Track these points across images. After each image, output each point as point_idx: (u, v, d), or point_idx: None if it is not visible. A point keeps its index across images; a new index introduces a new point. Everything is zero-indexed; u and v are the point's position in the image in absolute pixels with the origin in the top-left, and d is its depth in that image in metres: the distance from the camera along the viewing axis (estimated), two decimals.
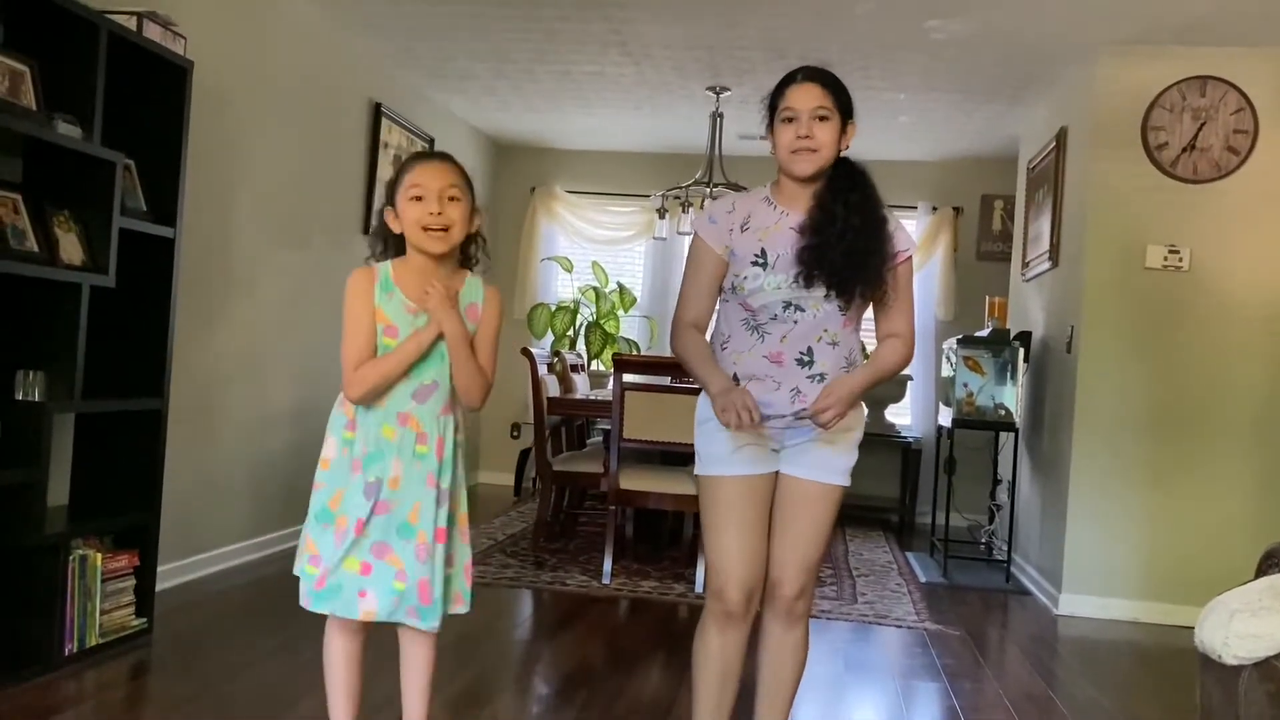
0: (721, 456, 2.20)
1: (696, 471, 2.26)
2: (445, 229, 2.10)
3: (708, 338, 2.31)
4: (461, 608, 2.25)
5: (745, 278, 2.17)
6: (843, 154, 2.20)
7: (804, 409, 2.15)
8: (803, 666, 2.35)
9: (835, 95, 2.17)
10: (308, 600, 2.16)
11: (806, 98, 2.14)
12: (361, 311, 2.14)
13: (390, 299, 2.14)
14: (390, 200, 2.16)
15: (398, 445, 2.15)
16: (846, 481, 2.26)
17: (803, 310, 2.16)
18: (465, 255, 2.23)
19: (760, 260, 2.16)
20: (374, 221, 2.29)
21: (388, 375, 2.13)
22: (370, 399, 2.15)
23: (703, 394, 2.24)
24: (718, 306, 2.31)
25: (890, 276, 2.20)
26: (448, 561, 2.21)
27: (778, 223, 2.19)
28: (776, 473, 2.25)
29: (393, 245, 2.19)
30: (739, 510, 2.20)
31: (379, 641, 2.33)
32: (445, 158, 2.19)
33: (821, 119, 2.13)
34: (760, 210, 2.22)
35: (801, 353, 2.17)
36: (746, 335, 2.21)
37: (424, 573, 2.14)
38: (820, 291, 2.14)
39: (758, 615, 2.30)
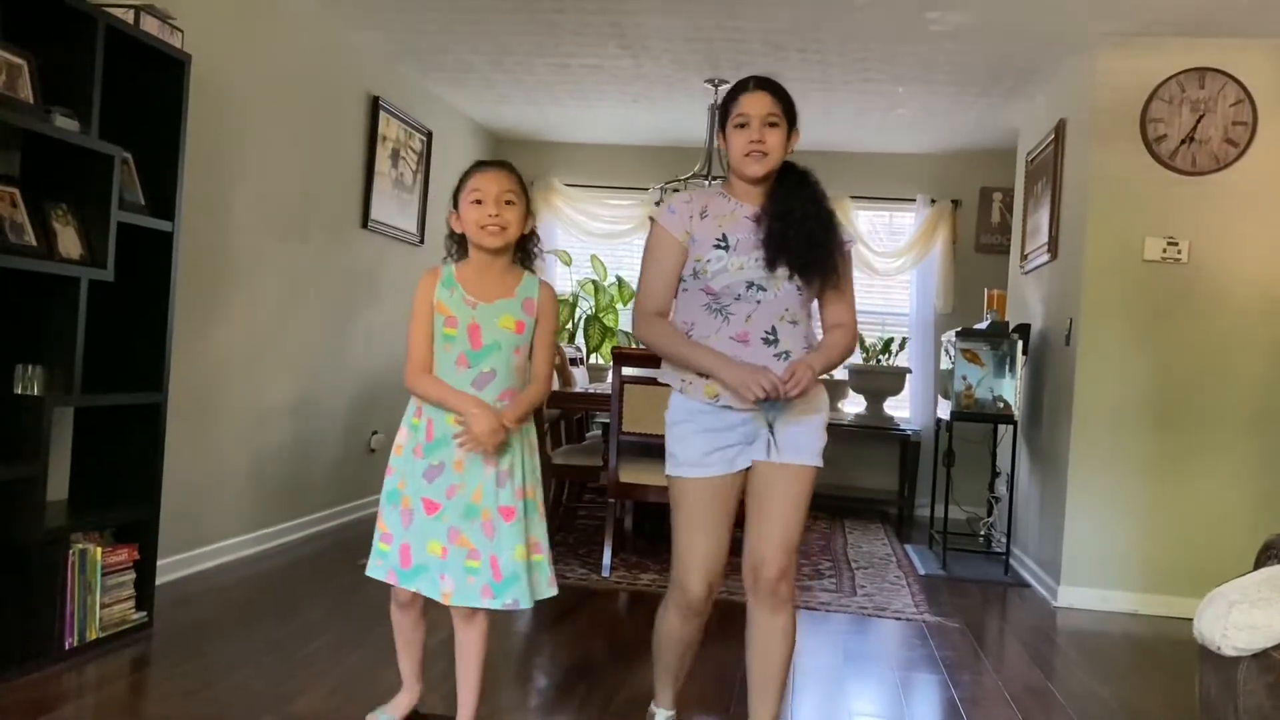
0: (695, 460, 2.30)
1: (668, 471, 2.35)
2: (502, 228, 2.32)
3: None
4: (552, 590, 2.46)
5: (708, 260, 2.28)
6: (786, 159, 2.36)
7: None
8: (791, 652, 2.39)
9: (784, 104, 2.32)
10: (393, 576, 2.37)
11: (758, 105, 2.29)
12: (422, 310, 2.36)
13: (451, 294, 2.35)
14: (455, 204, 2.39)
15: (459, 429, 2.32)
16: (819, 462, 2.35)
17: (764, 290, 2.28)
18: (525, 253, 2.47)
19: (722, 243, 2.29)
20: (445, 226, 2.49)
21: (439, 401, 2.34)
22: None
23: (675, 395, 2.34)
24: (675, 298, 2.39)
25: (840, 264, 2.35)
26: (534, 547, 2.41)
27: (733, 212, 2.33)
28: (749, 468, 2.34)
29: (463, 247, 2.43)
30: (707, 512, 2.32)
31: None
32: (503, 165, 2.40)
33: (771, 125, 2.29)
34: (716, 202, 2.36)
35: (766, 332, 2.28)
36: (710, 319, 2.30)
37: (493, 549, 2.32)
38: (783, 273, 2.28)
39: (742, 605, 2.41)
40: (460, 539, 2.32)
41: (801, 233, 2.27)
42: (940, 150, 7.07)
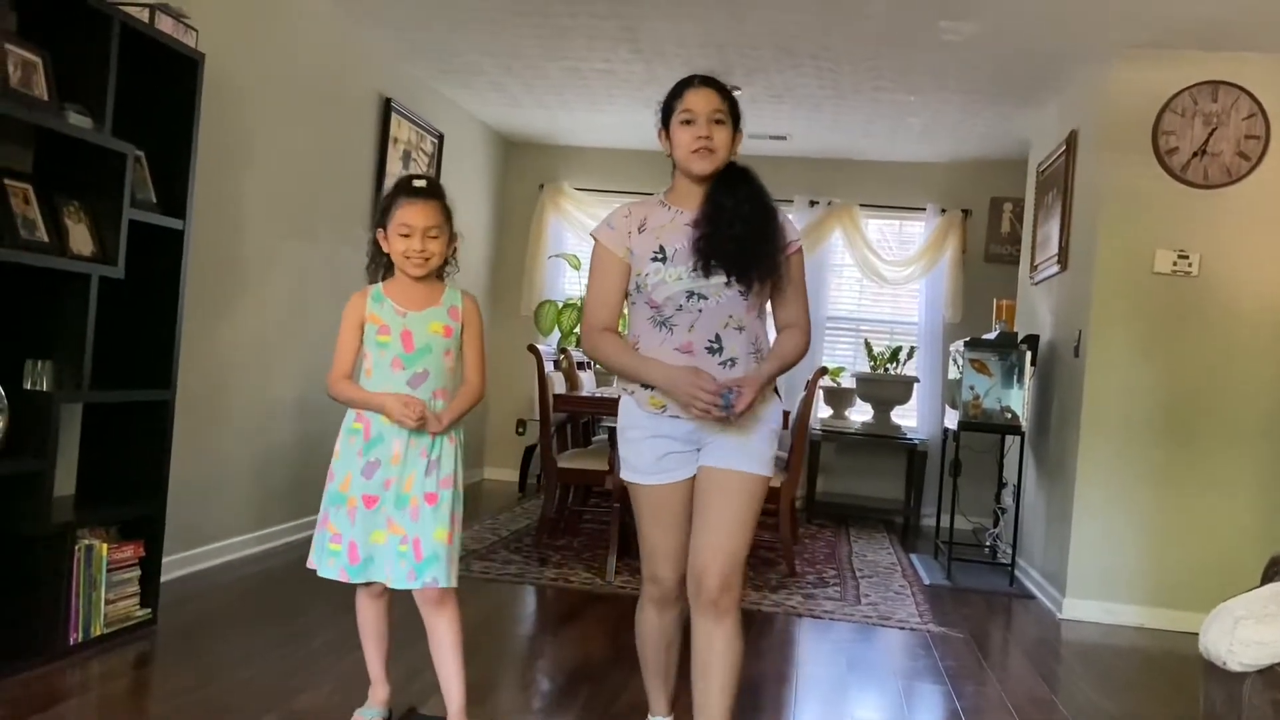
0: (645, 467, 2.31)
1: (622, 474, 2.38)
2: (426, 259, 2.48)
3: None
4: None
5: (647, 274, 2.27)
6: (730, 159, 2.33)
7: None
8: (735, 665, 2.28)
9: (729, 102, 2.30)
10: (344, 574, 2.48)
11: (705, 101, 2.26)
12: (350, 328, 2.55)
13: (382, 306, 2.53)
14: (382, 224, 2.52)
15: (397, 428, 2.47)
16: (766, 471, 2.31)
17: (705, 298, 2.24)
18: (440, 269, 2.60)
19: (659, 255, 2.26)
20: (369, 246, 2.64)
21: (352, 402, 2.53)
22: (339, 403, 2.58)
23: (624, 400, 2.35)
24: (626, 312, 2.39)
25: (784, 264, 2.30)
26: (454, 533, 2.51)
27: (672, 220, 2.30)
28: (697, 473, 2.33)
29: (389, 265, 2.56)
30: (665, 512, 2.33)
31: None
32: (431, 195, 2.50)
33: (718, 122, 2.26)
34: (655, 212, 2.34)
35: (710, 340, 2.24)
36: (654, 331, 2.28)
37: (416, 531, 2.45)
38: (720, 279, 2.23)
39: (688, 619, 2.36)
40: (393, 526, 2.46)
41: (730, 234, 2.22)
42: (951, 159, 7.07)
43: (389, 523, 2.46)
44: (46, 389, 2.94)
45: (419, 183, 2.52)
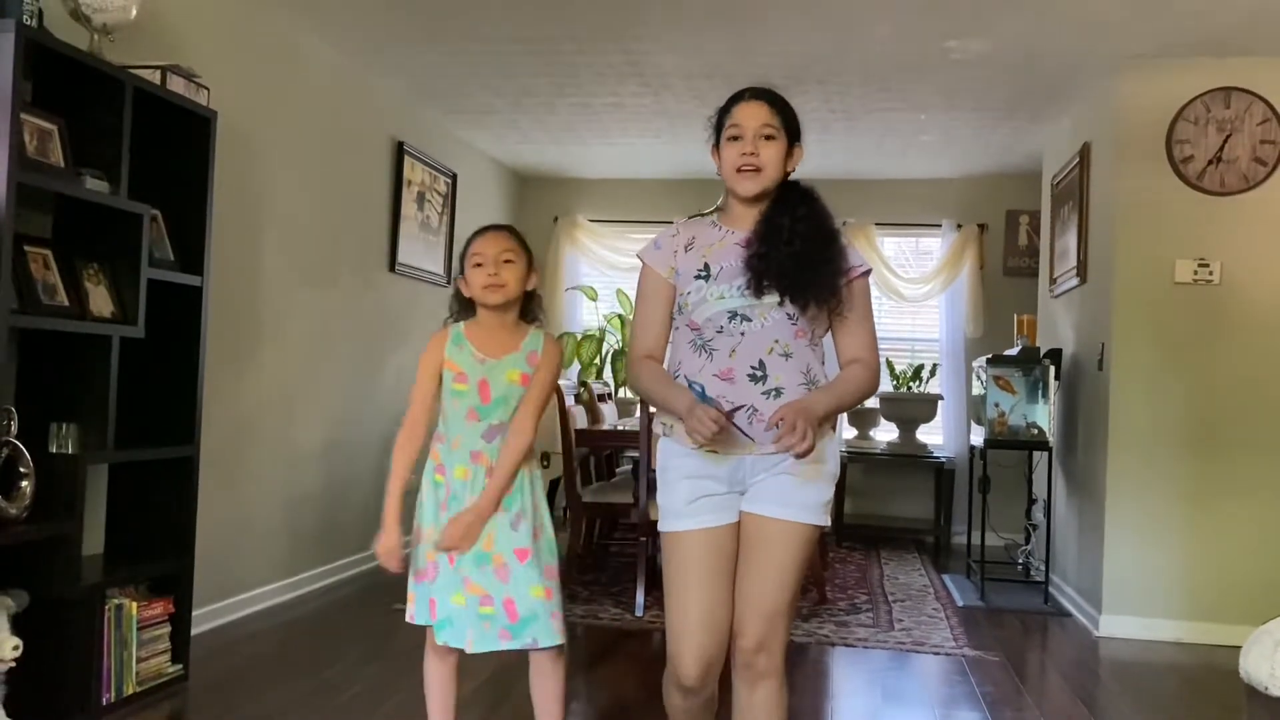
0: (680, 509, 2.10)
1: (659, 527, 2.15)
2: (500, 285, 2.38)
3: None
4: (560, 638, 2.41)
5: (689, 293, 2.13)
6: (790, 177, 2.18)
7: (777, 428, 1.95)
8: None
9: (782, 115, 2.14)
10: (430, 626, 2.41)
11: (753, 115, 2.12)
12: (427, 375, 2.45)
13: (461, 350, 2.43)
14: (462, 270, 2.47)
15: (470, 483, 2.38)
16: (817, 519, 2.10)
17: (749, 320, 2.08)
18: (527, 311, 2.51)
19: (703, 273, 2.13)
20: (451, 288, 2.57)
21: (407, 467, 2.45)
22: None
23: (661, 441, 2.17)
24: (671, 336, 2.24)
25: (845, 290, 2.13)
26: (548, 590, 2.39)
27: (722, 240, 2.17)
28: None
29: (468, 309, 2.50)
30: (699, 569, 2.07)
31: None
32: (501, 227, 2.49)
33: (767, 138, 2.11)
34: (705, 232, 2.21)
35: (753, 367, 2.06)
36: (694, 356, 2.12)
37: (508, 591, 2.35)
38: (771, 299, 2.07)
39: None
40: (472, 586, 2.35)
41: (787, 252, 2.06)
42: (964, 174, 7.04)
43: (466, 583, 2.35)
44: (72, 451, 2.95)
45: (490, 225, 2.51)
